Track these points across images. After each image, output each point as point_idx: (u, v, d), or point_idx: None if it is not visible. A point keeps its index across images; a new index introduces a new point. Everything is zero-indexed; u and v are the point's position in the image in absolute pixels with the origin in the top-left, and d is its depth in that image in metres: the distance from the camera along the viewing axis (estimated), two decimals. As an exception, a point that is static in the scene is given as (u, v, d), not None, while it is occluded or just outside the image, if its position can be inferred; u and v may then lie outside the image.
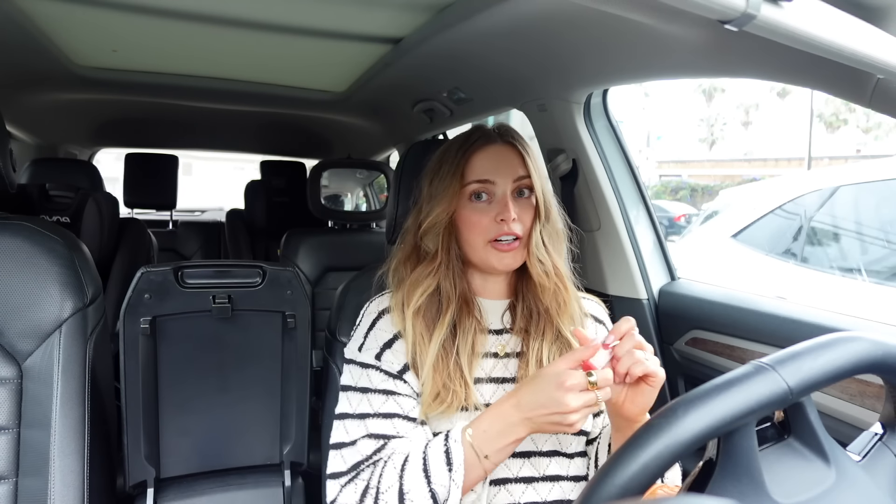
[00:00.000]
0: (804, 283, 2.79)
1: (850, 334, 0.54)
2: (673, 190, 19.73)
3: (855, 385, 0.97)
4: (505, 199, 0.89)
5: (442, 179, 0.91)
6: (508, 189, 0.90)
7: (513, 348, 0.93)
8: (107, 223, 2.11)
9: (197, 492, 1.32)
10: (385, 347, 0.90)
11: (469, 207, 0.90)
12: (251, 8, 1.28)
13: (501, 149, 0.92)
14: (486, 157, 0.91)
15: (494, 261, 0.89)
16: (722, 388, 0.48)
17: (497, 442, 0.76)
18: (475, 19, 1.16)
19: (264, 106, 2.26)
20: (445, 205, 0.90)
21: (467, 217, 0.90)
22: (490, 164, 0.90)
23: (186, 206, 3.89)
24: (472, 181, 0.90)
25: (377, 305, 0.95)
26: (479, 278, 0.96)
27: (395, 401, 0.86)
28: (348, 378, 0.91)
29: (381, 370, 0.88)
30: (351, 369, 0.91)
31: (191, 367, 1.34)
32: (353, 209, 4.04)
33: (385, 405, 0.86)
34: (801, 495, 0.50)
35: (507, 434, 0.76)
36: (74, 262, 0.98)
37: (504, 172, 0.90)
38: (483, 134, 0.93)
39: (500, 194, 0.90)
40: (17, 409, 0.92)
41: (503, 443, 0.76)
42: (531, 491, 0.88)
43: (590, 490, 0.45)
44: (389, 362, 0.89)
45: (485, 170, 0.90)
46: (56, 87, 1.96)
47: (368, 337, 0.91)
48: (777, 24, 0.47)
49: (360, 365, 0.90)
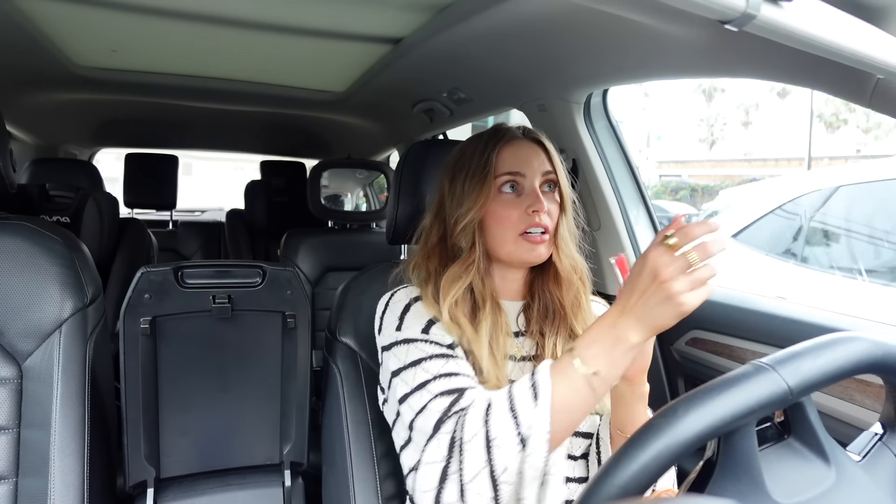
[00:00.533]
0: (804, 283, 2.79)
1: (850, 334, 0.54)
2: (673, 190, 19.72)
3: (855, 385, 0.97)
4: (535, 192, 0.90)
5: (470, 176, 0.91)
6: (538, 182, 0.91)
7: (528, 351, 0.93)
8: (107, 223, 2.11)
9: (197, 492, 1.32)
10: (429, 325, 0.87)
11: (498, 200, 0.90)
12: (251, 8, 1.28)
13: (528, 144, 0.94)
14: (514, 151, 0.92)
15: (525, 252, 0.89)
16: (722, 388, 0.48)
17: (609, 353, 0.67)
18: (475, 19, 1.16)
19: (264, 106, 2.26)
20: (477, 201, 0.90)
21: (496, 210, 0.90)
22: (520, 158, 0.91)
23: (186, 206, 3.89)
24: (502, 173, 0.91)
25: (405, 294, 0.92)
26: (499, 277, 0.95)
27: (455, 363, 0.82)
28: (394, 361, 0.86)
29: (430, 342, 0.85)
30: (395, 352, 0.86)
31: (191, 367, 1.34)
32: (353, 209, 4.04)
33: (445, 367, 0.81)
34: (801, 495, 0.50)
35: (621, 342, 0.67)
36: (74, 262, 0.98)
37: (533, 166, 0.91)
38: (508, 130, 0.95)
39: (530, 187, 0.91)
40: (17, 409, 0.92)
41: (616, 353, 0.67)
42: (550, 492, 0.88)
43: (590, 490, 0.46)
44: (438, 335, 0.85)
45: (515, 162, 0.91)
46: (56, 87, 1.96)
47: (406, 318, 0.88)
48: (777, 24, 0.47)
49: (405, 342, 0.86)
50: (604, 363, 0.67)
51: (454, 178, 0.94)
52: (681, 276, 0.62)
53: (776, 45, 0.52)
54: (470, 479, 0.69)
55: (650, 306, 0.64)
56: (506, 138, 0.93)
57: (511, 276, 0.96)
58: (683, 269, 0.62)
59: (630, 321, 0.66)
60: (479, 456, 0.69)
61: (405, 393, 0.82)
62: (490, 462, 0.68)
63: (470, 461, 0.70)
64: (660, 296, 0.63)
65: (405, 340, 0.86)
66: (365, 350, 1.09)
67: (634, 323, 0.66)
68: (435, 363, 0.82)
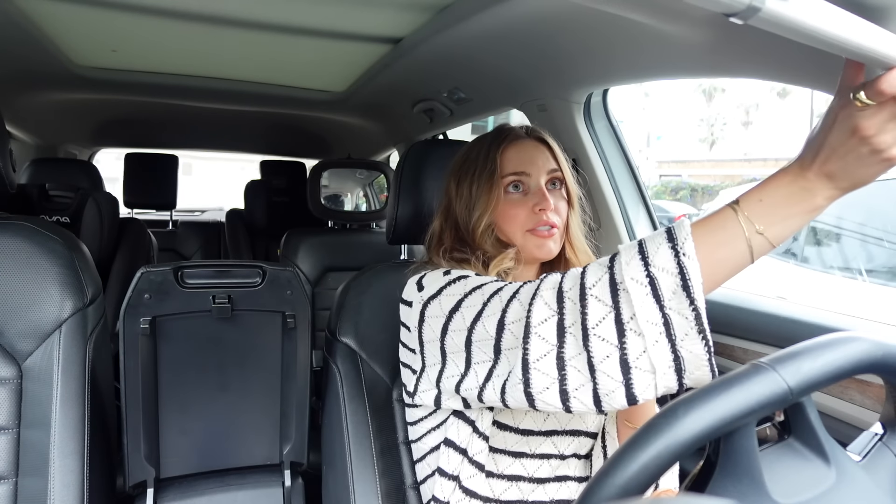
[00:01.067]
0: (804, 283, 2.79)
1: (850, 334, 0.54)
2: (673, 190, 19.71)
3: (855, 385, 0.97)
4: (541, 190, 0.91)
5: (476, 179, 0.92)
6: (543, 181, 0.92)
7: None
8: (107, 223, 2.11)
9: (197, 492, 1.32)
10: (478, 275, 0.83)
11: (505, 200, 0.91)
12: (251, 8, 1.28)
13: (532, 143, 0.94)
14: (519, 151, 0.93)
15: (534, 248, 0.90)
16: (722, 388, 0.48)
17: (783, 209, 0.57)
18: (475, 19, 1.16)
19: (264, 106, 2.26)
20: (488, 204, 0.90)
21: (504, 210, 0.91)
22: (524, 157, 0.92)
23: (186, 207, 3.90)
24: (507, 174, 0.91)
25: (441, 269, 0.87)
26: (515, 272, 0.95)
27: None
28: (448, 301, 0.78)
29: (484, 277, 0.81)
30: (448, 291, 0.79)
31: (191, 367, 1.34)
32: (353, 209, 4.04)
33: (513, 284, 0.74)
34: (801, 495, 0.50)
35: (801, 200, 0.57)
36: (74, 262, 0.98)
37: (538, 165, 0.92)
38: (511, 130, 0.95)
39: (535, 186, 0.91)
40: (16, 409, 0.92)
41: (793, 210, 0.57)
42: (540, 490, 0.88)
43: (589, 490, 0.45)
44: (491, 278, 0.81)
45: (520, 162, 0.92)
46: (56, 87, 1.96)
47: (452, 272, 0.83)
48: (782, 17, 0.46)
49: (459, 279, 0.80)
50: (775, 221, 0.57)
51: (461, 182, 0.94)
52: (889, 127, 0.51)
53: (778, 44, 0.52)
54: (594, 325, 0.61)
55: (847, 163, 0.53)
56: (509, 139, 0.94)
57: (525, 272, 0.96)
58: (891, 118, 0.51)
59: (818, 179, 0.55)
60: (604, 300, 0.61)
61: (478, 311, 0.74)
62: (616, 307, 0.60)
63: (593, 307, 0.61)
64: (859, 152, 0.52)
65: (460, 277, 0.80)
66: (365, 350, 1.09)
67: (824, 181, 0.55)
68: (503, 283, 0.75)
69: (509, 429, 0.87)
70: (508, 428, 0.87)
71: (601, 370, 0.61)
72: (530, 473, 0.89)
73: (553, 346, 0.64)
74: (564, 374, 0.63)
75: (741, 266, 0.60)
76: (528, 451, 0.89)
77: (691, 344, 0.58)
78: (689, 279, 0.57)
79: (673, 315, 0.59)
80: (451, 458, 0.87)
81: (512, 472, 0.88)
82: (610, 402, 0.62)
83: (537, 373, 0.65)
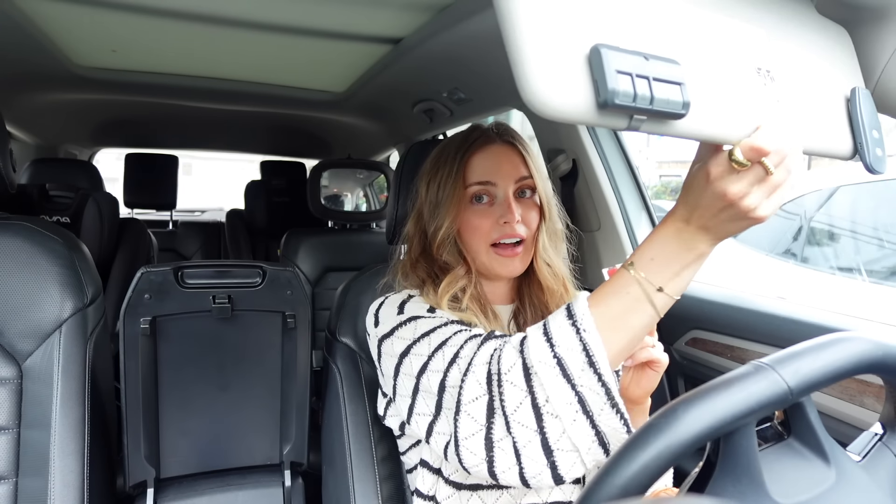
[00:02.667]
0: (804, 283, 2.79)
1: (850, 334, 0.54)
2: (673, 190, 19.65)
3: (855, 385, 0.97)
4: (507, 201, 0.86)
5: (441, 185, 0.88)
6: (510, 190, 0.87)
7: None
8: (107, 223, 2.11)
9: (197, 492, 1.32)
10: (430, 311, 0.83)
11: (470, 211, 0.87)
12: (251, 8, 1.28)
13: (501, 149, 0.89)
14: (485, 158, 0.88)
15: (499, 267, 0.87)
16: (722, 388, 0.48)
17: (674, 264, 0.60)
18: (475, 20, 1.16)
19: (264, 106, 2.26)
20: (450, 213, 0.87)
21: (468, 221, 0.87)
22: (490, 165, 0.87)
23: (186, 207, 3.90)
24: (472, 183, 0.87)
25: (398, 296, 0.88)
26: (487, 283, 0.93)
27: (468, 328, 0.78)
28: (400, 343, 0.80)
29: (437, 317, 0.81)
30: (399, 333, 0.81)
31: (191, 367, 1.34)
32: (353, 209, 4.04)
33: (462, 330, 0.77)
34: (801, 495, 0.50)
35: (686, 251, 0.60)
36: (74, 262, 0.98)
37: (505, 173, 0.87)
38: (482, 134, 0.90)
39: (502, 196, 0.87)
40: (17, 409, 0.92)
41: (683, 263, 0.60)
42: (532, 494, 0.88)
43: (589, 490, 0.45)
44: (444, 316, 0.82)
45: (485, 171, 0.87)
46: (56, 87, 1.96)
47: (406, 306, 0.84)
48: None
49: (411, 319, 0.81)
50: (670, 277, 0.61)
51: (429, 186, 0.90)
52: (755, 190, 0.54)
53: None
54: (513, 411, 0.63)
55: (721, 220, 0.57)
56: (477, 143, 0.89)
57: (498, 282, 0.94)
58: (756, 182, 0.53)
59: (697, 232, 0.59)
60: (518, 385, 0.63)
61: (423, 362, 0.76)
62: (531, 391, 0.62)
63: (510, 393, 0.64)
64: (730, 213, 0.55)
65: (410, 318, 0.81)
66: (365, 350, 1.09)
67: (703, 234, 0.59)
68: (450, 328, 0.77)
69: None
70: None
71: (525, 455, 0.63)
72: None
73: (482, 427, 0.66)
74: (492, 455, 0.65)
75: (650, 324, 0.63)
76: None
77: (608, 418, 0.61)
78: (592, 355, 0.60)
79: (585, 392, 0.61)
80: (426, 478, 0.86)
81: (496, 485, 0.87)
82: (538, 483, 0.65)
83: (467, 451, 0.67)
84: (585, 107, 0.43)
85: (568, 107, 0.43)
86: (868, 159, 0.58)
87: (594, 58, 0.43)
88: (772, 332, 1.15)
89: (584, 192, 1.52)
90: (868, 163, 0.58)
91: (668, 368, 1.48)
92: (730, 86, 0.51)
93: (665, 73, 0.46)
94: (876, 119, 0.60)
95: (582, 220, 1.56)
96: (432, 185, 0.90)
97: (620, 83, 0.43)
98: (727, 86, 0.51)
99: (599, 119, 0.44)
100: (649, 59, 0.46)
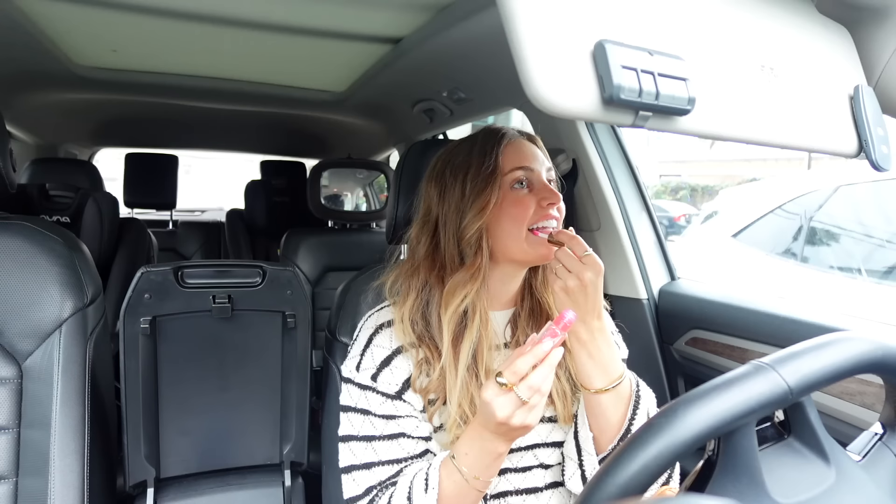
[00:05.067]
0: (804, 282, 2.79)
1: (850, 334, 0.54)
2: (673, 190, 19.65)
3: (855, 385, 0.97)
4: (546, 185, 0.87)
5: (471, 179, 0.86)
6: (544, 177, 0.89)
7: None
8: (107, 223, 2.11)
9: (197, 492, 1.32)
10: (382, 366, 0.86)
11: (510, 198, 0.86)
12: (251, 8, 1.28)
13: (526, 142, 0.91)
14: (518, 148, 0.89)
15: (540, 247, 0.85)
16: (722, 388, 0.48)
17: (481, 461, 0.76)
18: (475, 19, 1.16)
19: (264, 106, 2.26)
20: (486, 205, 0.85)
21: (508, 209, 0.86)
22: (526, 152, 0.89)
23: (186, 206, 3.89)
24: (513, 168, 0.87)
25: (375, 320, 0.91)
26: (499, 282, 0.91)
27: (397, 423, 0.85)
28: (347, 398, 0.89)
29: (378, 392, 0.86)
30: (349, 389, 0.89)
31: (191, 367, 1.34)
32: (353, 209, 4.04)
33: (388, 427, 0.85)
34: (801, 495, 0.50)
35: (489, 451, 0.76)
36: (74, 262, 0.98)
37: (539, 161, 0.90)
38: (506, 130, 0.92)
39: (539, 182, 0.88)
40: (17, 409, 0.92)
41: (488, 460, 0.76)
42: (532, 498, 0.88)
43: (590, 490, 0.45)
44: (387, 383, 0.86)
45: (523, 157, 0.88)
46: (56, 87, 1.96)
47: (365, 355, 0.88)
48: None
49: (358, 386, 0.88)
50: (482, 469, 0.77)
51: (446, 187, 0.89)
52: (518, 412, 0.70)
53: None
54: None
55: (503, 432, 0.73)
56: (507, 136, 0.90)
57: (512, 280, 0.92)
58: (518, 405, 0.70)
59: (493, 436, 0.75)
60: None
61: (350, 434, 0.87)
62: None
63: None
64: (505, 428, 0.72)
65: (359, 385, 0.88)
66: (365, 350, 1.09)
67: (498, 437, 0.75)
68: (379, 422, 0.86)
69: None
70: None
71: None
72: (516, 486, 0.89)
73: None
74: None
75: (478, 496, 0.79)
76: (512, 467, 0.89)
77: None
78: None
79: None
80: None
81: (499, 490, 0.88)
82: None
83: None
84: (590, 103, 0.43)
85: (573, 103, 0.42)
86: (873, 156, 0.58)
87: (599, 53, 0.43)
88: (772, 332, 1.15)
89: (584, 192, 1.52)
90: (874, 160, 0.58)
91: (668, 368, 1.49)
92: (734, 82, 0.51)
93: (670, 69, 0.46)
94: (880, 116, 0.60)
95: (582, 220, 1.56)
96: (453, 184, 0.88)
97: (625, 78, 0.43)
98: (732, 82, 0.51)
99: (605, 115, 0.44)
100: (654, 55, 0.45)
